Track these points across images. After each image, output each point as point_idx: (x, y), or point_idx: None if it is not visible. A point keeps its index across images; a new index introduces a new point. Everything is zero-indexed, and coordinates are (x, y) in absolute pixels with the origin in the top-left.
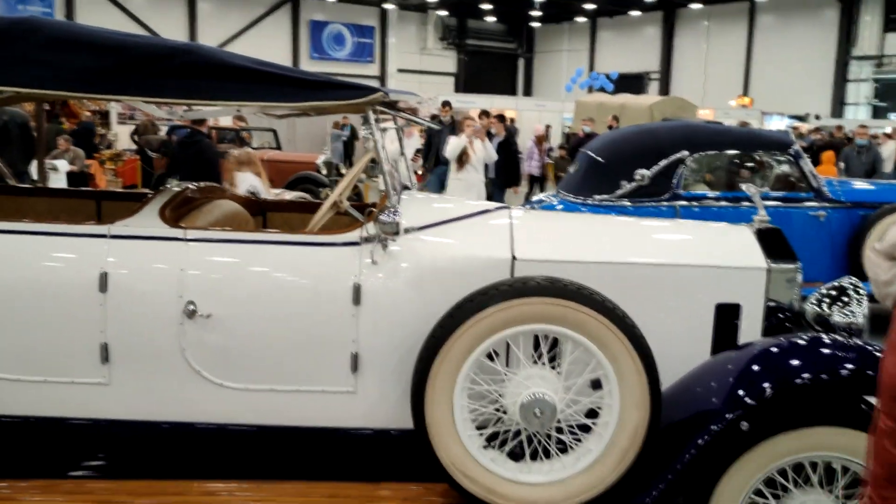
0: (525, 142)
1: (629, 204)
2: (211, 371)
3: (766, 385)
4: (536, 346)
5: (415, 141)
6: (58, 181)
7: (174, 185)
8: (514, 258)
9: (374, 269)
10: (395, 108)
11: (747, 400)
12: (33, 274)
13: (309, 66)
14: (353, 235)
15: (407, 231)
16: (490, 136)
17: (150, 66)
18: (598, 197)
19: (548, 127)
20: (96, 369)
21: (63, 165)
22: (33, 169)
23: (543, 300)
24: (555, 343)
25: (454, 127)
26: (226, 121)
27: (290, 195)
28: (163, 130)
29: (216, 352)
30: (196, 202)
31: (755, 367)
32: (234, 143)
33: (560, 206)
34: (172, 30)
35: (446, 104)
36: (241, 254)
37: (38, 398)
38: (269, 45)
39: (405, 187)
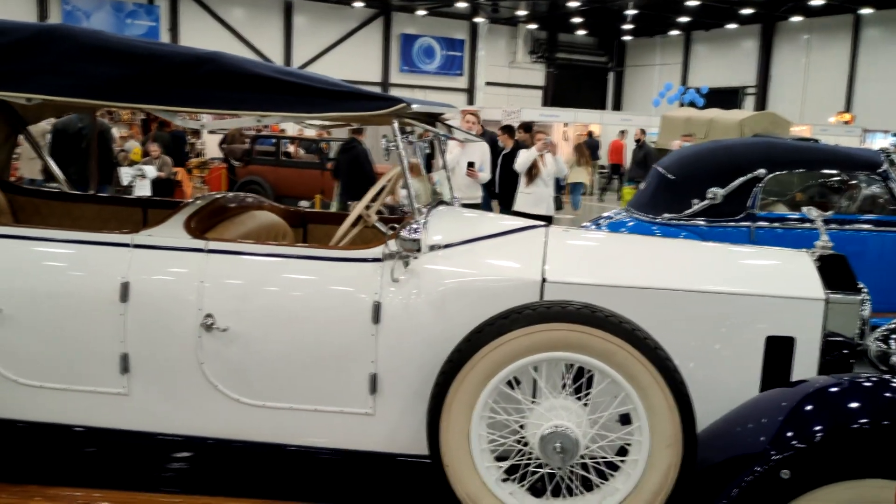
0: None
1: (703, 223)
2: (228, 386)
3: (817, 428)
4: (577, 375)
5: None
6: (143, 188)
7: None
8: (543, 280)
9: (396, 287)
10: (432, 121)
11: (796, 443)
12: (58, 281)
13: (398, 78)
14: (376, 251)
15: (432, 248)
16: (496, 148)
17: (174, 76)
18: (667, 215)
19: (640, 133)
20: (116, 379)
21: (150, 171)
22: (123, 176)
23: (568, 327)
24: (582, 372)
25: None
26: (309, 131)
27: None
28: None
29: (233, 366)
30: (230, 212)
31: (807, 407)
32: (316, 154)
33: (630, 224)
34: (269, 43)
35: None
36: (261, 267)
37: (60, 406)
38: (361, 57)
39: (442, 202)
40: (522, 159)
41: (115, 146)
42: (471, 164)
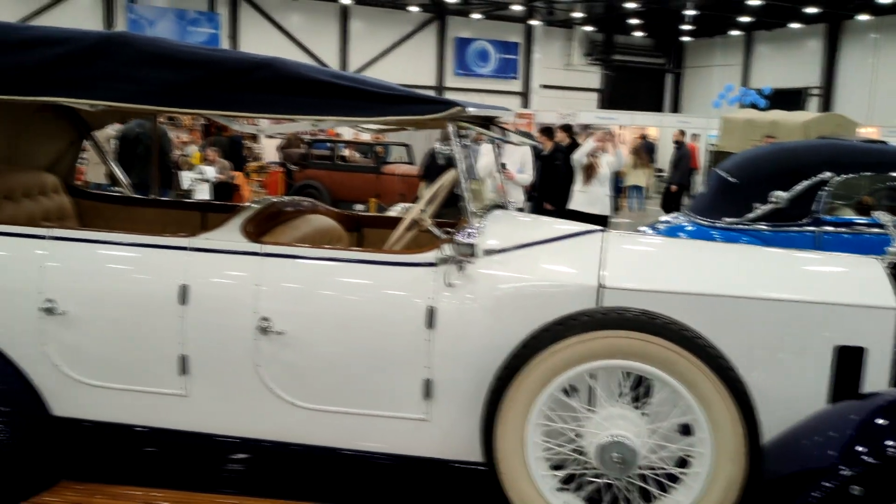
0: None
1: (765, 228)
2: (283, 389)
3: (890, 443)
4: (638, 382)
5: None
6: (203, 191)
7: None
8: (601, 286)
9: (451, 292)
10: (486, 124)
11: (867, 458)
12: (120, 283)
13: (453, 82)
14: (430, 256)
15: (487, 253)
16: (538, 153)
17: (230, 81)
18: (728, 220)
19: (679, 134)
20: (175, 381)
21: (210, 172)
22: (184, 179)
23: (626, 334)
24: (640, 381)
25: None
26: (365, 135)
27: (394, 211)
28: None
29: (289, 369)
30: (286, 217)
31: (879, 421)
32: (370, 158)
33: (689, 228)
34: (325, 48)
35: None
36: (315, 271)
37: (122, 406)
38: (415, 61)
39: (497, 206)
40: (578, 156)
41: (175, 151)
42: (503, 166)
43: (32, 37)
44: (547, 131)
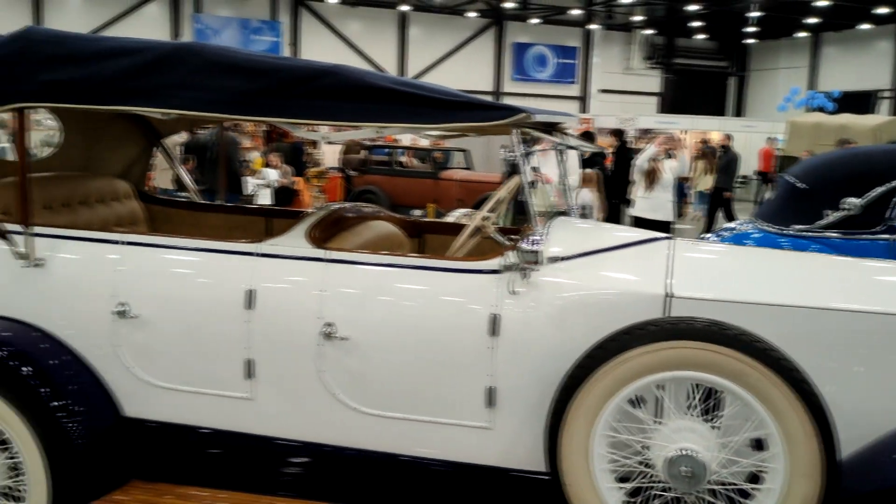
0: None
1: (836, 236)
2: (347, 394)
3: None
4: (708, 395)
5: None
6: (265, 196)
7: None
8: (669, 295)
9: (515, 300)
10: (550, 131)
11: None
12: (189, 287)
13: (511, 87)
14: (494, 263)
15: (552, 260)
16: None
17: (296, 88)
18: (797, 227)
19: (726, 138)
20: (241, 384)
21: (273, 174)
22: (249, 184)
23: (695, 345)
24: (711, 393)
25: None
26: (423, 141)
27: (452, 216)
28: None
29: (352, 375)
30: (349, 223)
31: None
32: (428, 163)
33: (755, 235)
34: (384, 54)
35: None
36: (378, 277)
37: (189, 407)
38: (473, 67)
39: (561, 213)
40: (640, 160)
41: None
42: (535, 170)
43: (108, 48)
44: (587, 136)
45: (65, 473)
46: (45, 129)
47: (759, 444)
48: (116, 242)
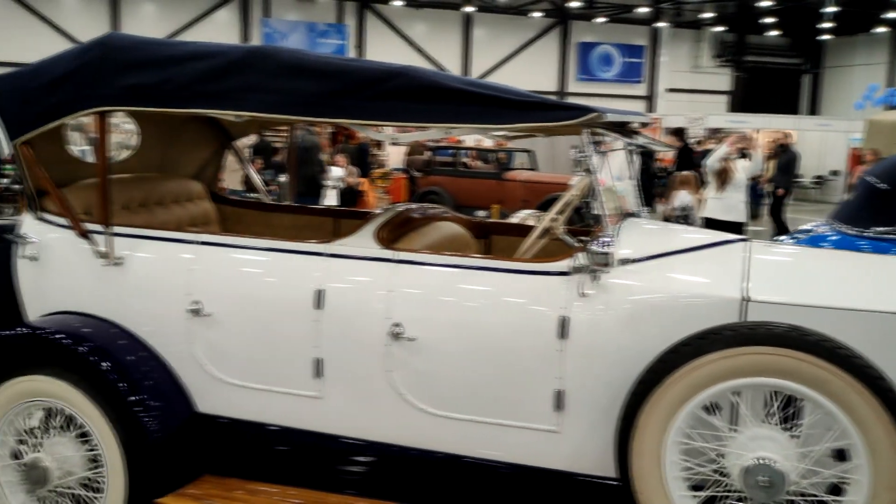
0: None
1: None
2: (414, 395)
3: None
4: (787, 402)
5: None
6: (331, 197)
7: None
8: (745, 299)
9: (584, 302)
10: (622, 130)
11: None
12: (260, 287)
13: (575, 87)
14: (563, 265)
15: (623, 262)
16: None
17: (366, 90)
18: (878, 229)
19: (784, 136)
20: (310, 383)
21: (339, 172)
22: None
23: (774, 350)
24: (790, 400)
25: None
26: (487, 142)
27: (517, 217)
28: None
29: (420, 376)
30: (417, 223)
31: None
32: (492, 164)
33: (833, 238)
34: (448, 55)
35: None
36: (446, 278)
37: (259, 405)
38: (537, 67)
39: (631, 214)
40: (712, 160)
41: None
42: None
43: (183, 52)
44: (678, 132)
45: (141, 466)
46: (122, 132)
47: (841, 455)
48: (190, 242)
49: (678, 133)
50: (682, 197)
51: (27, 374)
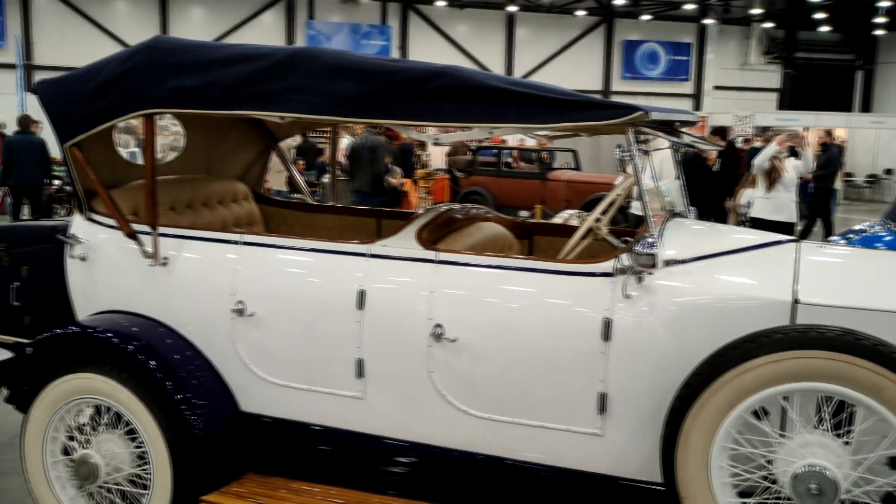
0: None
1: None
2: (456, 396)
3: None
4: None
5: None
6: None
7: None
8: (796, 301)
9: (628, 304)
10: (668, 129)
11: None
12: (302, 287)
13: (620, 86)
14: (607, 266)
15: (668, 264)
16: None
17: (409, 90)
18: None
19: (826, 135)
20: (352, 383)
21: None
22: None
23: (827, 355)
24: (842, 406)
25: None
26: (530, 142)
27: (560, 217)
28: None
29: (461, 377)
30: (459, 224)
31: None
32: (535, 164)
33: (887, 238)
34: (491, 55)
35: None
36: (488, 279)
37: (302, 405)
38: (581, 66)
39: (676, 214)
40: (760, 158)
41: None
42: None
43: (229, 55)
44: (718, 131)
45: (186, 464)
46: (171, 134)
47: (895, 463)
48: (235, 242)
49: (720, 132)
50: (748, 195)
51: (77, 371)
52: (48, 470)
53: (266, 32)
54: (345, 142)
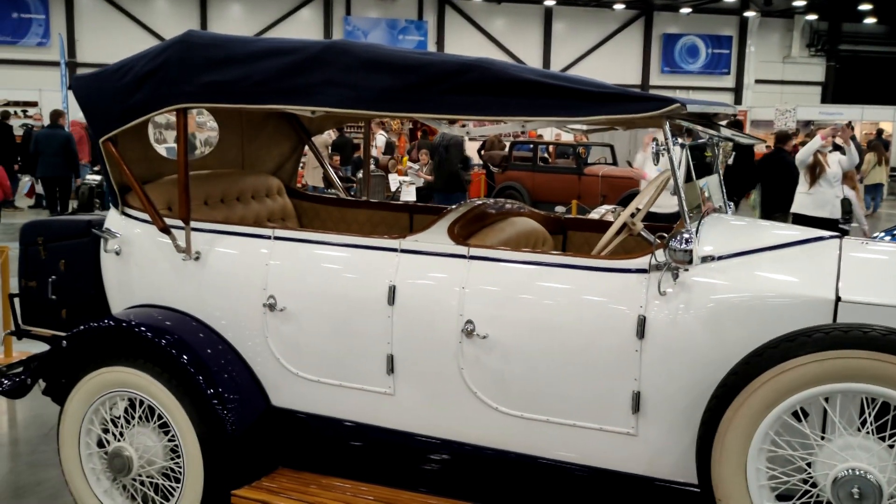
0: None
1: None
2: (487, 393)
3: None
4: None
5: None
6: (409, 193)
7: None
8: (838, 300)
9: (663, 301)
10: (707, 122)
11: None
12: (334, 282)
13: (659, 80)
14: (642, 262)
15: (704, 260)
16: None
17: (442, 83)
18: None
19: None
20: (383, 379)
21: (415, 167)
22: (392, 182)
23: (871, 355)
24: (886, 407)
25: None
26: (567, 136)
27: (596, 213)
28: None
29: (492, 374)
30: (491, 219)
31: None
32: (571, 159)
33: None
34: (527, 49)
35: None
36: (520, 275)
37: (333, 400)
38: (619, 60)
39: (715, 210)
40: (802, 154)
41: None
42: (629, 164)
43: (261, 49)
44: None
45: (218, 458)
46: (209, 130)
47: None
48: (267, 237)
49: (783, 139)
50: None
51: (111, 364)
52: (83, 462)
53: (303, 28)
54: (380, 138)
